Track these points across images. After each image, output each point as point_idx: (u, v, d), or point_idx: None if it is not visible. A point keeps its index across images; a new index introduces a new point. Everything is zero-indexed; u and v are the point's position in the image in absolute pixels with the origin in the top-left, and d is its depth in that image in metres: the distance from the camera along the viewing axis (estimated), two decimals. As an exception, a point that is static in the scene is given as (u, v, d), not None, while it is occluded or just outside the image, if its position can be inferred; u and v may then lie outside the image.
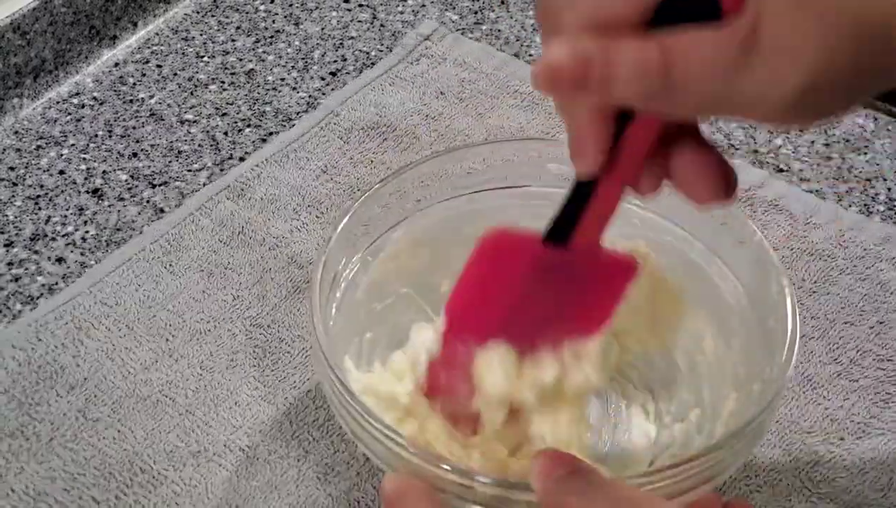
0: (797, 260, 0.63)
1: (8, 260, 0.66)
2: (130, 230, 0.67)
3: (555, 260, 0.41)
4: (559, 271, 0.42)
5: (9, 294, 0.64)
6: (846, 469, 0.53)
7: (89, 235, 0.67)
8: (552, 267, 0.41)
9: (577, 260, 0.41)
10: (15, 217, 0.69)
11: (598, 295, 0.44)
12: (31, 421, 0.56)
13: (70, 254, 0.66)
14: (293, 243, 0.65)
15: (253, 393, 0.57)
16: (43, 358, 0.58)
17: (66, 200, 0.70)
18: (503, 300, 0.43)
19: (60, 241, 0.67)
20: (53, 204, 0.69)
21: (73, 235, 0.67)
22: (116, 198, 0.70)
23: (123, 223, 0.68)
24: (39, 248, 0.66)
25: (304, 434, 0.55)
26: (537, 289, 0.42)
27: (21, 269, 0.65)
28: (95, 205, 0.69)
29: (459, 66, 0.77)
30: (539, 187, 0.57)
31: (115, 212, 0.69)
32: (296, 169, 0.70)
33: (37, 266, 0.65)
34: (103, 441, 0.55)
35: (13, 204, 0.70)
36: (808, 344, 0.59)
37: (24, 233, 0.67)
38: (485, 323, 0.44)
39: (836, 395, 0.56)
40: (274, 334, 0.60)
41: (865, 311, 0.60)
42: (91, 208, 0.69)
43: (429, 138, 0.72)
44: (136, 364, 0.58)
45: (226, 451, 0.54)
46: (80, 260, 0.65)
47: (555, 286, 0.42)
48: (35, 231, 0.68)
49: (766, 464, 0.53)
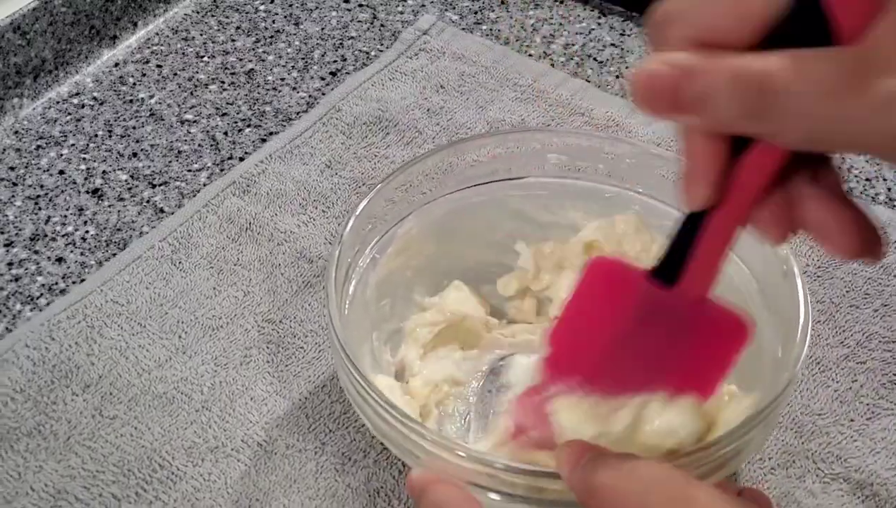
0: (801, 244, 0.64)
1: (8, 260, 0.66)
2: (130, 230, 0.67)
3: (660, 302, 0.39)
4: (663, 315, 0.39)
5: (9, 294, 0.64)
6: (857, 449, 0.54)
7: (89, 235, 0.67)
8: (656, 310, 0.39)
9: (684, 308, 0.39)
10: (15, 217, 0.69)
11: (701, 353, 0.40)
12: (47, 420, 0.56)
13: (70, 254, 0.66)
14: (301, 238, 0.65)
15: (268, 388, 0.57)
16: (57, 356, 0.58)
17: (66, 200, 0.70)
18: (603, 335, 0.41)
19: (60, 241, 0.67)
20: (53, 204, 0.69)
21: (73, 235, 0.67)
22: (116, 198, 0.70)
23: (123, 223, 0.68)
24: (39, 248, 0.67)
25: (321, 426, 0.56)
26: (639, 330, 0.40)
27: (21, 269, 0.65)
28: (95, 205, 0.69)
29: (459, 60, 0.78)
30: (538, 178, 0.58)
31: (115, 212, 0.69)
32: (300, 164, 0.70)
33: (37, 266, 0.65)
34: (121, 439, 0.55)
35: (13, 204, 0.70)
36: (815, 328, 0.59)
37: (24, 233, 0.68)
38: (583, 358, 0.42)
39: (844, 377, 0.57)
40: (286, 329, 0.60)
41: (870, 295, 0.61)
42: (91, 208, 0.69)
43: (431, 132, 0.72)
44: (150, 361, 0.59)
45: (243, 446, 0.55)
46: (80, 261, 0.66)
47: (657, 330, 0.40)
48: (35, 231, 0.68)
49: (779, 447, 0.54)
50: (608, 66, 0.80)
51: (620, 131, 0.72)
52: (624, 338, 0.41)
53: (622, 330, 0.41)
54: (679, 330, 0.39)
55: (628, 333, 0.40)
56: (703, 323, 0.39)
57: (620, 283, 0.40)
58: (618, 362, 0.41)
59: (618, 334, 0.41)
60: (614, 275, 0.41)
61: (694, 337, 0.40)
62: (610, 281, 0.41)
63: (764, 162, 0.34)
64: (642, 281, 0.39)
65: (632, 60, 0.80)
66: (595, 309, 0.42)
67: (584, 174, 0.58)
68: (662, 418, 0.41)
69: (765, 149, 0.33)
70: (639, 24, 0.83)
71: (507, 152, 0.57)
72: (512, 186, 0.58)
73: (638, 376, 0.41)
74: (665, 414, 0.41)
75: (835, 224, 0.34)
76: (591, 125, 0.72)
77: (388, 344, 0.56)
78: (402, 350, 0.56)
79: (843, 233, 0.34)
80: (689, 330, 0.39)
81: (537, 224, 0.59)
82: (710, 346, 0.40)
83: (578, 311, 0.42)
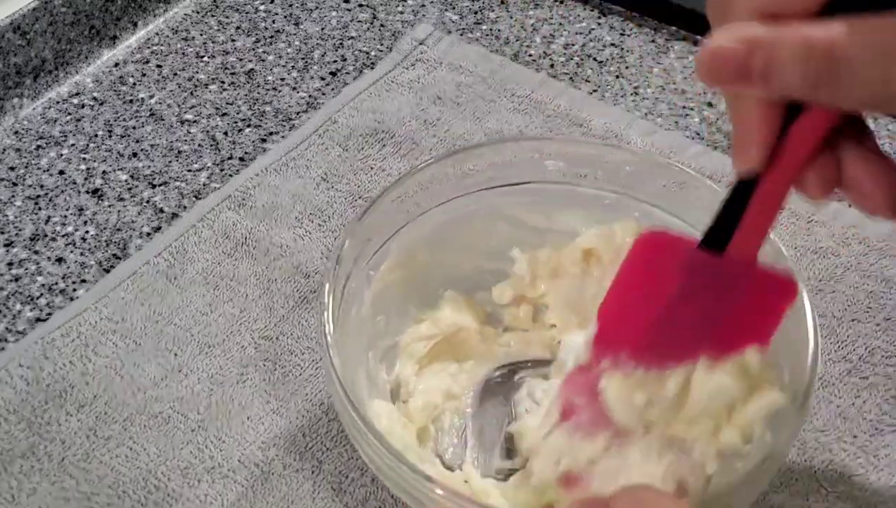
0: (802, 258, 0.63)
1: (8, 260, 0.66)
2: (130, 230, 0.67)
3: (709, 268, 0.40)
4: (711, 281, 0.40)
5: (9, 294, 0.63)
6: (861, 466, 0.54)
7: (89, 235, 0.67)
8: (706, 276, 0.40)
9: (733, 272, 0.40)
10: (15, 217, 0.68)
11: (751, 311, 0.41)
12: (41, 441, 0.55)
13: (70, 254, 0.66)
14: (297, 252, 0.65)
15: (265, 407, 0.57)
16: (51, 376, 0.58)
17: (66, 200, 0.70)
18: (652, 307, 0.42)
19: (60, 241, 0.67)
20: (53, 204, 0.69)
21: (73, 235, 0.67)
22: (116, 198, 0.70)
23: (123, 223, 0.68)
24: (39, 248, 0.66)
25: (318, 446, 0.55)
26: (687, 299, 0.41)
27: (21, 269, 0.65)
28: (95, 205, 0.69)
29: (456, 70, 0.77)
30: (536, 184, 0.57)
31: (115, 212, 0.69)
32: (296, 177, 0.70)
33: (37, 266, 0.65)
34: (116, 460, 0.54)
35: (13, 204, 0.69)
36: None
37: (24, 233, 0.67)
38: (631, 331, 0.42)
39: (847, 393, 0.57)
40: (283, 346, 0.60)
41: (872, 308, 0.61)
42: (91, 208, 0.69)
43: (428, 144, 0.72)
44: (145, 380, 0.58)
45: (240, 467, 0.54)
46: (80, 261, 0.65)
47: (704, 297, 0.40)
48: (35, 231, 0.68)
49: (783, 464, 0.54)
50: (608, 65, 0.79)
51: (619, 142, 0.71)
52: (672, 308, 0.41)
53: (671, 300, 0.41)
54: (727, 293, 0.40)
55: (676, 302, 0.41)
56: (750, 285, 0.40)
57: (669, 254, 0.41)
58: (666, 332, 0.42)
59: (666, 304, 0.41)
60: (663, 247, 0.41)
61: (742, 299, 0.41)
62: (658, 252, 0.41)
63: (817, 125, 0.35)
64: (691, 249, 0.40)
65: (632, 60, 0.80)
66: (643, 282, 0.42)
67: (582, 180, 0.57)
68: (712, 380, 0.41)
69: (818, 112, 0.35)
70: (639, 23, 0.83)
71: (504, 161, 0.57)
72: (508, 193, 0.58)
73: (686, 343, 0.42)
74: (714, 375, 0.42)
75: (872, 181, 0.35)
76: (590, 136, 0.72)
77: (383, 362, 0.55)
78: (397, 367, 0.56)
79: (881, 189, 0.35)
80: (738, 293, 0.40)
81: (534, 230, 0.58)
82: (760, 304, 0.41)
83: (627, 286, 0.43)
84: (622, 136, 0.71)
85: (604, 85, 0.77)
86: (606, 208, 0.57)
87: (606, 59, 0.80)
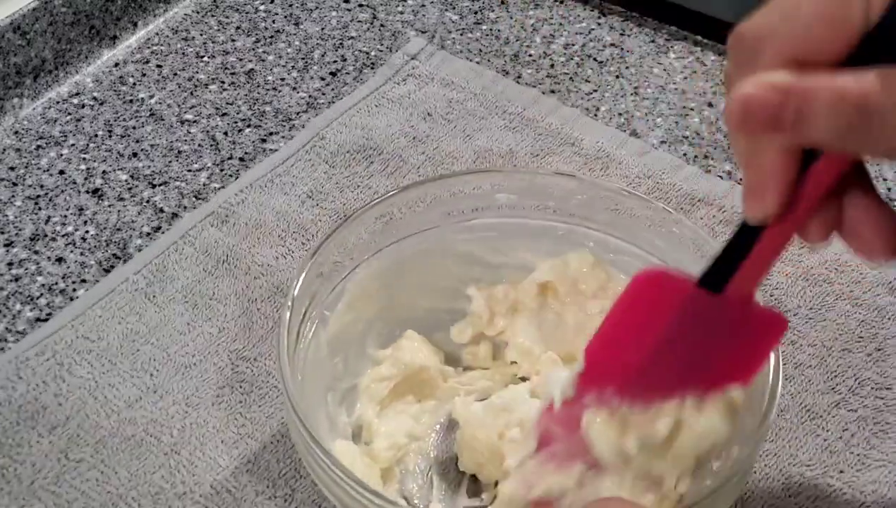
0: (792, 286, 0.62)
1: (8, 260, 0.65)
2: (130, 230, 0.67)
3: (704, 307, 0.39)
4: (703, 318, 0.40)
5: (9, 294, 0.63)
6: (847, 503, 0.52)
7: (89, 235, 0.67)
8: (700, 314, 0.40)
9: (728, 311, 0.39)
10: (15, 217, 0.68)
11: (739, 348, 0.41)
12: (11, 462, 0.54)
13: (70, 254, 0.66)
14: (279, 271, 0.64)
15: (240, 430, 0.56)
16: (24, 396, 0.57)
17: (66, 200, 0.69)
18: (643, 344, 0.41)
19: (60, 241, 0.67)
20: (53, 204, 0.69)
21: (73, 235, 0.67)
22: (116, 198, 0.69)
23: (123, 223, 0.68)
24: (39, 248, 0.66)
25: (291, 473, 0.54)
26: (679, 336, 0.40)
27: (21, 269, 0.65)
28: (95, 205, 0.69)
29: (447, 86, 0.76)
30: (487, 219, 0.57)
31: (115, 212, 0.68)
32: (280, 194, 0.69)
33: (37, 266, 0.65)
34: (86, 484, 0.53)
35: (13, 204, 0.69)
36: (805, 373, 0.58)
37: (24, 233, 0.67)
38: (620, 368, 0.42)
39: (834, 426, 0.55)
40: (261, 367, 0.59)
41: (863, 338, 0.59)
42: (91, 208, 0.69)
43: (416, 161, 0.71)
44: (119, 401, 0.57)
45: (212, 493, 0.53)
46: (80, 261, 0.65)
47: (695, 334, 0.40)
48: (35, 231, 0.67)
49: (766, 499, 0.52)
50: (608, 65, 0.79)
51: (611, 162, 0.70)
52: (663, 345, 0.41)
53: (662, 338, 0.41)
54: (718, 330, 0.40)
55: (667, 340, 0.41)
56: (741, 322, 0.40)
57: (664, 292, 0.40)
58: (654, 368, 0.41)
59: (657, 341, 0.41)
60: (658, 284, 0.41)
61: (732, 336, 0.41)
62: (653, 290, 0.41)
63: (831, 171, 0.35)
64: (687, 288, 0.39)
65: (632, 60, 0.79)
66: (635, 319, 0.42)
67: (533, 212, 0.56)
68: (700, 421, 0.41)
69: (833, 159, 0.34)
70: (639, 23, 0.82)
71: (452, 195, 0.56)
72: (461, 229, 0.57)
73: (673, 380, 0.42)
74: (702, 416, 0.41)
75: (872, 228, 0.35)
76: (581, 155, 0.71)
77: (343, 404, 0.54)
78: (357, 408, 0.54)
79: (877, 234, 0.35)
80: (728, 330, 0.40)
81: (488, 266, 0.57)
82: (749, 341, 0.41)
83: (619, 323, 0.42)
84: (613, 156, 0.70)
85: (604, 85, 0.76)
86: (560, 240, 0.56)
87: (606, 59, 0.79)
